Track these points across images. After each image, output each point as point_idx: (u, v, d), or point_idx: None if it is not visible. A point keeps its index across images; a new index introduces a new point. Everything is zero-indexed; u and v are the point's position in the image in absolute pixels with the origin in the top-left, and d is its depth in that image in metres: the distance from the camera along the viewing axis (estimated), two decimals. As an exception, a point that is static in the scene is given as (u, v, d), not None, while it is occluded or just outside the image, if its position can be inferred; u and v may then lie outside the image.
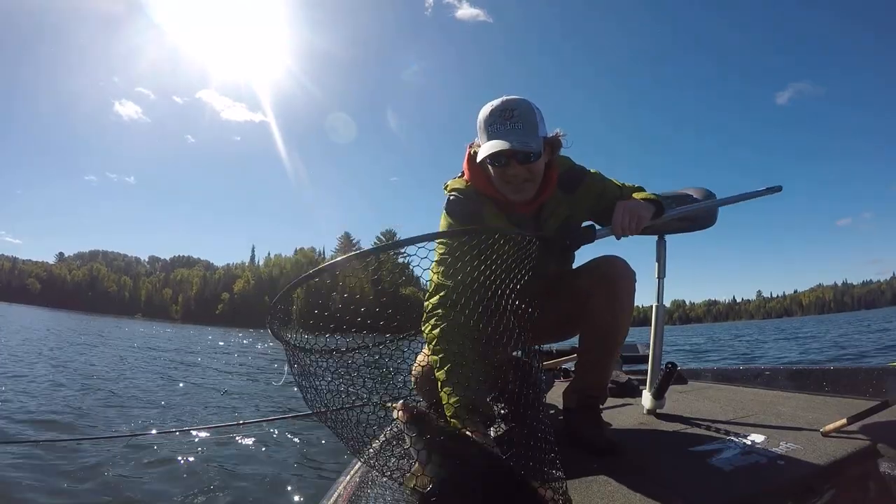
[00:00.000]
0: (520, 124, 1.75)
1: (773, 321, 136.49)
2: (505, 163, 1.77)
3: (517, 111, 1.76)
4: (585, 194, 2.01)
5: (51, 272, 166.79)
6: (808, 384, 2.78)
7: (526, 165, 1.78)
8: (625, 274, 1.92)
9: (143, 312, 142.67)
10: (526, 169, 1.78)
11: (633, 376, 3.17)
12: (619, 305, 1.89)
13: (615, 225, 1.85)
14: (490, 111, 1.78)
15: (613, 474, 1.57)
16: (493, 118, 1.77)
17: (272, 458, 4.21)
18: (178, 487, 3.40)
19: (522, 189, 1.83)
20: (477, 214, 1.89)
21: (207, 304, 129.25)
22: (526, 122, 1.76)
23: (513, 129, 1.74)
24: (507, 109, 1.76)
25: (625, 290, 1.90)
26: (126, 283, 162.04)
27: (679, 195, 2.18)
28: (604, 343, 1.94)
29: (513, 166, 1.77)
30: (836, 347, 14.68)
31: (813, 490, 1.50)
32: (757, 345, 19.78)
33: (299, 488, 3.50)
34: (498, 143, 1.72)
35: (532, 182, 1.83)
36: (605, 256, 1.96)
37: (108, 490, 3.29)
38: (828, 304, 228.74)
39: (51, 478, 3.43)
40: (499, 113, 1.76)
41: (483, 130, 1.80)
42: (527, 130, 1.75)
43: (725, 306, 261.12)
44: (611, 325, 1.89)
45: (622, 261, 1.94)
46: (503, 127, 1.75)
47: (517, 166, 1.77)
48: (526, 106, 1.78)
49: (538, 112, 1.80)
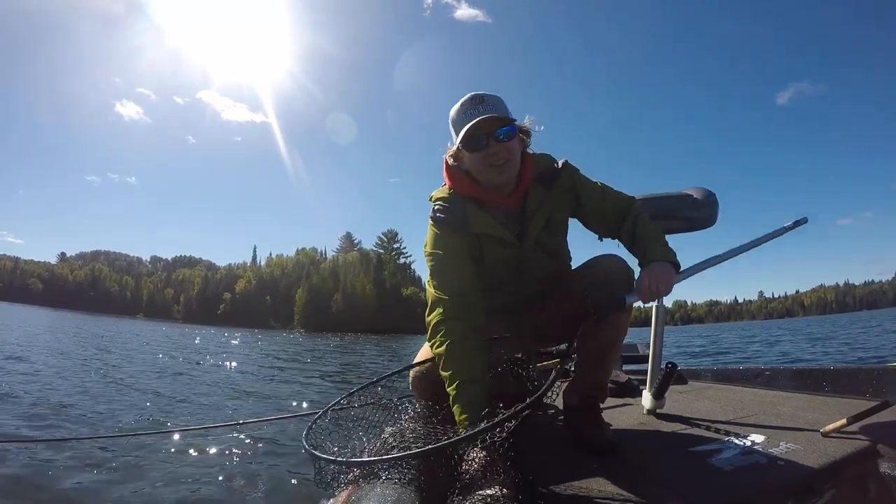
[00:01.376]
0: (491, 107, 1.80)
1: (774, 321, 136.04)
2: (485, 143, 1.80)
3: (486, 97, 1.82)
4: (563, 192, 2.01)
5: (53, 272, 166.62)
6: (808, 384, 2.77)
7: (504, 144, 1.81)
8: (625, 272, 1.91)
9: (144, 312, 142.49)
10: (505, 147, 1.81)
11: (633, 376, 3.17)
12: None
13: (643, 292, 1.82)
14: (460, 104, 1.83)
15: (613, 474, 1.57)
16: (465, 107, 1.82)
17: (272, 458, 4.19)
18: (178, 487, 3.39)
19: (504, 170, 1.85)
20: (462, 218, 1.89)
21: (209, 304, 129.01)
22: (496, 105, 1.81)
23: (485, 110, 1.79)
24: (476, 97, 1.82)
25: (623, 290, 1.88)
26: (128, 283, 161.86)
27: (679, 195, 2.18)
28: (604, 350, 1.95)
29: (492, 145, 1.80)
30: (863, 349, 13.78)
31: (813, 490, 1.50)
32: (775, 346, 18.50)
33: (299, 488, 3.50)
34: (473, 117, 1.77)
35: (512, 162, 1.85)
36: (603, 256, 1.95)
37: (108, 490, 3.29)
38: (829, 305, 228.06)
39: (49, 478, 3.42)
40: (468, 101, 1.82)
41: (456, 124, 1.84)
42: (498, 111, 1.80)
43: (727, 307, 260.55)
44: (610, 325, 1.87)
45: (620, 260, 1.94)
46: (475, 110, 1.79)
47: (496, 144, 1.80)
48: (494, 95, 1.84)
49: (505, 103, 1.86)
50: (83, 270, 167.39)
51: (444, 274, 1.87)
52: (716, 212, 2.23)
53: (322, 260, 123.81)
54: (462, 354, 1.72)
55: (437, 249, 1.89)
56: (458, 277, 1.85)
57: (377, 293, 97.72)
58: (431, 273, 1.89)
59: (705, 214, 2.20)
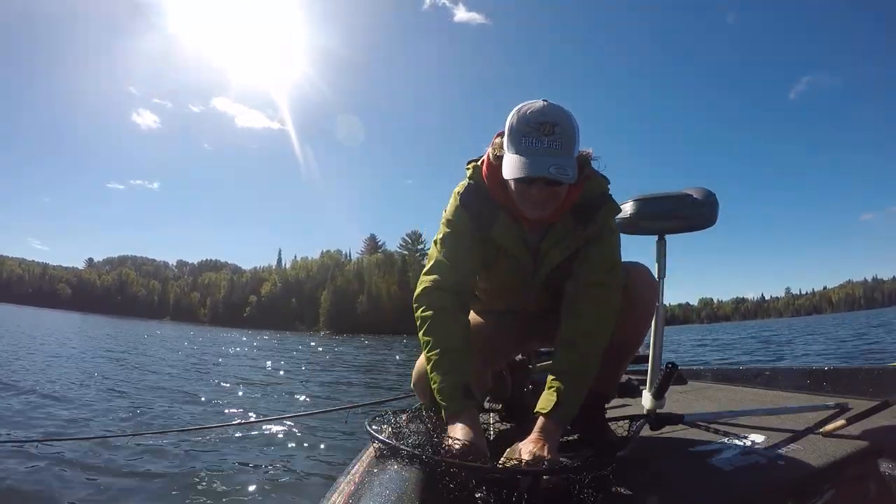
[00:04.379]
0: (559, 143, 1.50)
1: (802, 318, 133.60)
2: (531, 181, 1.54)
3: (558, 127, 1.50)
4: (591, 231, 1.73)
5: (80, 277, 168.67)
6: (808, 384, 2.77)
7: (554, 188, 1.55)
8: (649, 285, 1.85)
9: (171, 316, 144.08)
10: (552, 192, 1.57)
11: (633, 376, 3.18)
12: (642, 317, 1.85)
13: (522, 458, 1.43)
14: (527, 120, 1.52)
15: (614, 474, 1.58)
16: (530, 129, 1.50)
17: (272, 457, 4.23)
18: (178, 487, 3.42)
19: (543, 208, 1.62)
20: (488, 221, 1.71)
21: (235, 307, 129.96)
22: (566, 142, 1.51)
23: (550, 149, 1.49)
24: (547, 123, 1.49)
25: (649, 302, 1.85)
26: (154, 287, 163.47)
27: (679, 195, 2.18)
28: (619, 352, 1.84)
29: (539, 186, 1.54)
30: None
31: (813, 490, 1.50)
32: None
33: (299, 488, 3.52)
34: (529, 166, 1.49)
35: (554, 203, 1.61)
36: (627, 264, 1.82)
37: (107, 490, 3.32)
38: (858, 301, 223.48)
39: (48, 478, 3.46)
40: (536, 126, 1.50)
41: (512, 139, 1.55)
42: (565, 152, 1.51)
43: (754, 304, 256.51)
44: (630, 336, 1.83)
45: (646, 269, 1.87)
46: (540, 144, 1.49)
47: (544, 188, 1.54)
48: (568, 122, 1.52)
49: (577, 128, 1.55)
50: (110, 275, 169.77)
51: (453, 245, 1.73)
52: (716, 211, 2.22)
53: (346, 262, 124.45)
54: (451, 324, 1.65)
55: (455, 223, 1.74)
56: (469, 257, 1.74)
57: (401, 294, 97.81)
58: (442, 240, 1.76)
59: (705, 214, 2.20)
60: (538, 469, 1.31)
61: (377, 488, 1.38)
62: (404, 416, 1.71)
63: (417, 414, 1.69)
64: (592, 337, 1.64)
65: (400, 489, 1.33)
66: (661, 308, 2.14)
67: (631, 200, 2.20)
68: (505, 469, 1.33)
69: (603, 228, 1.73)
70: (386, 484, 1.38)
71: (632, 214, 2.18)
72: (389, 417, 1.69)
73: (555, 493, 1.29)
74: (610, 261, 1.74)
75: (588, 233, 1.71)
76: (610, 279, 1.70)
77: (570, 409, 1.55)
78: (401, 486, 1.34)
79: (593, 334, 1.64)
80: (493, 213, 1.71)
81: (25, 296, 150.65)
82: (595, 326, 1.64)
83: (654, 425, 2.02)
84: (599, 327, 1.65)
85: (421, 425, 1.57)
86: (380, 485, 1.39)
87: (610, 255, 1.75)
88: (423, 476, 1.33)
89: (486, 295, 1.99)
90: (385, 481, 1.40)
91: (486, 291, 1.97)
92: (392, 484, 1.37)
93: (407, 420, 1.66)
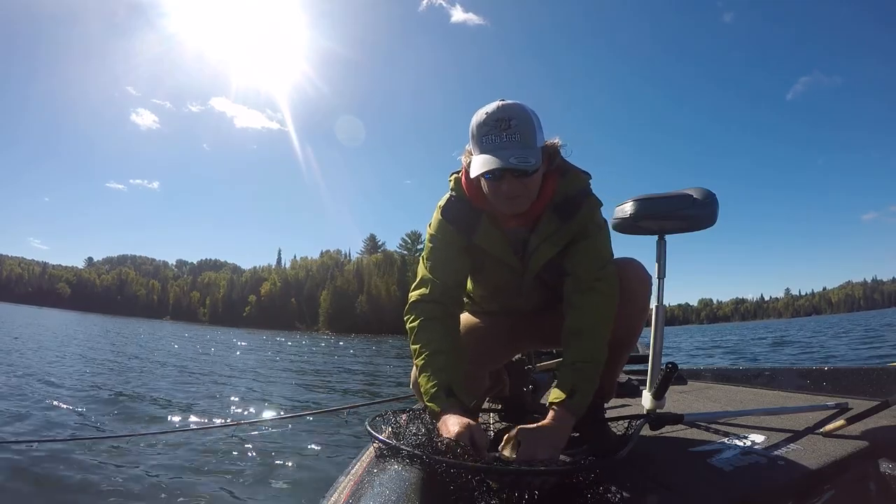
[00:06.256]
0: (517, 135, 1.56)
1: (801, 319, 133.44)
2: (499, 177, 1.59)
3: (514, 120, 1.57)
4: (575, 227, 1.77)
5: (80, 276, 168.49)
6: (808, 384, 2.77)
7: (522, 180, 1.60)
8: (643, 280, 1.86)
9: (171, 315, 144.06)
10: (522, 184, 1.61)
11: (633, 376, 3.17)
12: (636, 313, 1.84)
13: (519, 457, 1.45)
14: (484, 119, 1.59)
15: (613, 475, 1.57)
16: (488, 128, 1.58)
17: (272, 457, 4.22)
18: (177, 488, 3.42)
19: (517, 203, 1.66)
20: (471, 229, 1.77)
21: (234, 307, 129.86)
22: (524, 133, 1.57)
23: (510, 142, 1.56)
24: (503, 119, 1.57)
25: (642, 298, 1.85)
26: (154, 287, 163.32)
27: (679, 195, 2.17)
28: (615, 350, 1.82)
29: (507, 181, 1.60)
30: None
31: (813, 490, 1.49)
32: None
33: (299, 488, 3.53)
34: (492, 160, 1.54)
35: (527, 196, 1.66)
36: (620, 260, 1.85)
37: (106, 490, 3.32)
38: (857, 302, 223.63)
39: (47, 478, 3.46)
40: (494, 123, 1.57)
41: (475, 141, 1.62)
42: (525, 142, 1.57)
43: (753, 304, 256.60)
44: (625, 332, 1.83)
45: (639, 265, 1.88)
46: (499, 139, 1.56)
47: (513, 181, 1.59)
48: (523, 114, 1.59)
49: (536, 119, 1.62)
50: (110, 275, 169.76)
51: (438, 261, 1.80)
52: (716, 211, 2.22)
53: (346, 262, 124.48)
54: (437, 331, 1.70)
55: (438, 238, 1.81)
56: (454, 270, 1.81)
57: (401, 294, 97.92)
58: (427, 255, 1.83)
59: (705, 214, 2.19)
60: (538, 469, 1.32)
61: (377, 488, 1.37)
62: (404, 417, 1.74)
63: (417, 414, 1.72)
64: (597, 328, 1.68)
65: (400, 489, 1.33)
66: (661, 308, 2.14)
67: (631, 200, 2.19)
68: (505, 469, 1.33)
69: (588, 224, 1.77)
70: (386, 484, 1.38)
71: (632, 214, 2.17)
72: (389, 417, 1.75)
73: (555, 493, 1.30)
74: (602, 256, 1.78)
75: (573, 228, 1.75)
76: (604, 274, 1.74)
77: (583, 399, 1.59)
78: (401, 486, 1.34)
79: (597, 325, 1.68)
80: (475, 220, 1.77)
81: (25, 295, 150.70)
82: (598, 318, 1.69)
83: (654, 425, 2.02)
84: (602, 318, 1.70)
85: (421, 425, 1.59)
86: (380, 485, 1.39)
87: (601, 250, 1.79)
88: (423, 476, 1.33)
89: (480, 298, 2.04)
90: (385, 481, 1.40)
91: (481, 295, 2.02)
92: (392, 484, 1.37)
93: (407, 420, 1.69)
